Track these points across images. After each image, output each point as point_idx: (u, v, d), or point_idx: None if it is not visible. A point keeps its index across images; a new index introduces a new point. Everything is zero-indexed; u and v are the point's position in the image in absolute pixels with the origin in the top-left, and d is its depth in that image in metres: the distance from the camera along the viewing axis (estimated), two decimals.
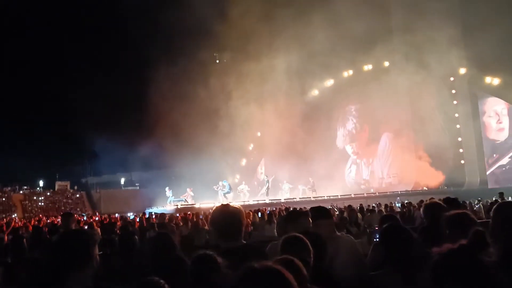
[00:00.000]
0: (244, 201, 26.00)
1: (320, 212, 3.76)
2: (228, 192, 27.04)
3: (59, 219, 16.05)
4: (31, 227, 10.58)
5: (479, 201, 17.01)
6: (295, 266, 2.24)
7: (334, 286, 2.79)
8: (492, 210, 2.92)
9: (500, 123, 31.06)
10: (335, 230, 3.79)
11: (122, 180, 42.21)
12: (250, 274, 1.56)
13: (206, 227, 10.17)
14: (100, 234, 8.10)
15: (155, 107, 28.66)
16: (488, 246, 1.93)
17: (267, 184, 29.25)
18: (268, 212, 13.94)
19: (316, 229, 3.34)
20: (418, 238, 3.02)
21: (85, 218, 21.77)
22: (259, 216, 13.12)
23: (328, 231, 3.49)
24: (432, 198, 4.01)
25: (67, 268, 2.40)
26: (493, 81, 30.01)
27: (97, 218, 19.96)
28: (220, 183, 27.98)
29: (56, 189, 41.36)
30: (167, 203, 27.31)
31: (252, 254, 2.45)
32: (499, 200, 14.13)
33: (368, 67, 34.21)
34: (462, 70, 31.52)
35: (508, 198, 15.77)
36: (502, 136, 31.04)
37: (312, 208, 3.87)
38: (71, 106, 36.00)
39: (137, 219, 15.20)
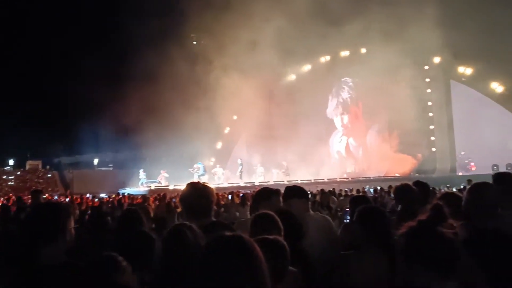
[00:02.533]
0: (218, 184, 26.04)
1: (293, 191, 3.75)
2: (202, 175, 27.04)
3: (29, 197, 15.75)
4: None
5: (448, 187, 17.43)
6: (279, 245, 2.23)
7: (309, 266, 2.79)
8: (466, 190, 3.00)
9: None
10: (309, 209, 3.79)
11: (96, 161, 41.54)
12: (218, 240, 1.58)
13: (179, 209, 10.13)
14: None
15: (130, 88, 28.16)
16: (446, 219, 1.97)
17: (241, 167, 29.33)
18: (241, 195, 13.97)
19: (289, 208, 3.34)
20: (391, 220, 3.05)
21: (56, 198, 21.42)
22: (229, 198, 13.10)
23: (302, 210, 3.49)
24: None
25: (38, 241, 2.32)
26: (466, 70, 30.58)
27: (67, 199, 19.64)
28: (195, 165, 27.92)
29: (27, 168, 40.47)
30: (139, 185, 27.13)
31: (221, 230, 2.43)
32: (467, 187, 14.50)
33: (345, 53, 34.42)
34: (437, 59, 32.00)
35: None
36: None
37: (286, 187, 3.85)
38: (44, 84, 35.10)
39: (109, 200, 15.05)
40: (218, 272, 1.52)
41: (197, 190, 2.89)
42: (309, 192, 4.11)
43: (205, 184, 2.96)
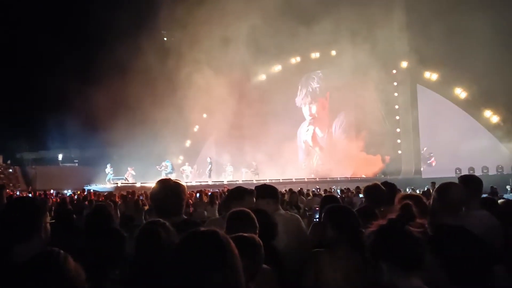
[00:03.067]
0: (186, 182, 25.80)
1: (265, 190, 3.76)
2: (170, 172, 26.76)
3: None
4: None
5: (412, 190, 17.86)
6: (256, 243, 2.23)
7: (281, 264, 2.80)
8: (435, 190, 3.09)
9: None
10: (280, 208, 3.81)
11: (60, 157, 40.55)
12: (193, 236, 1.56)
13: (146, 207, 9.99)
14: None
15: (99, 83, 27.63)
16: (415, 218, 2.03)
17: (210, 165, 29.22)
18: (209, 193, 13.89)
19: (260, 207, 3.34)
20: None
21: (18, 193, 20.77)
22: (198, 196, 13.01)
23: (272, 209, 3.50)
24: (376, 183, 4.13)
25: (12, 239, 2.22)
26: (432, 76, 31.37)
27: (30, 195, 19.08)
28: (163, 163, 27.63)
29: None
30: (106, 181, 26.65)
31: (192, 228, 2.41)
32: (431, 189, 14.88)
33: (315, 55, 34.80)
34: (404, 64, 32.72)
35: None
36: None
37: (256, 187, 3.85)
38: (7, 76, 34.01)
39: (75, 197, 14.71)
40: (192, 268, 1.49)
41: (168, 188, 2.84)
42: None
43: (177, 181, 2.92)
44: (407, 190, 17.13)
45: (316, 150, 36.02)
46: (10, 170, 38.26)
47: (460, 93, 30.70)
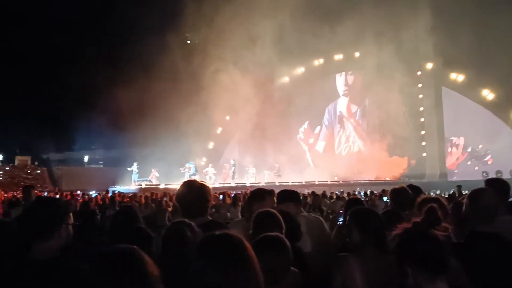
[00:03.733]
0: (210, 184, 25.89)
1: (284, 195, 3.76)
2: (194, 174, 26.94)
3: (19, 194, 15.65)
4: None
5: (437, 193, 17.57)
6: (283, 243, 2.23)
7: (306, 266, 2.79)
8: (467, 197, 3.04)
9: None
10: (302, 210, 3.81)
11: (86, 158, 41.26)
12: (208, 239, 1.59)
13: (170, 208, 10.11)
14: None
15: (124, 86, 27.99)
16: (440, 222, 2.02)
17: (233, 167, 29.33)
18: (232, 195, 13.93)
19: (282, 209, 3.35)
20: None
21: (46, 194, 21.20)
22: (221, 198, 13.08)
23: (295, 212, 3.51)
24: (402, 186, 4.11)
25: (34, 237, 2.28)
26: (458, 77, 30.84)
27: (57, 196, 19.47)
28: (187, 165, 27.84)
29: (16, 164, 40.06)
30: (132, 181, 26.98)
31: (217, 229, 2.44)
32: (456, 193, 14.63)
33: (339, 56, 34.57)
34: (429, 65, 32.25)
35: (464, 191, 16.32)
36: None
37: (279, 192, 3.87)
38: (35, 80, 34.78)
39: (100, 198, 14.94)
40: (208, 271, 1.53)
41: (194, 189, 2.88)
42: (301, 195, 4.16)
43: (202, 182, 2.96)
44: (431, 193, 16.86)
45: (350, 124, 35.53)
46: (38, 171, 39.11)
47: (487, 94, 30.12)
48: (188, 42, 34.88)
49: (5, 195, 19.40)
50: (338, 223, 4.19)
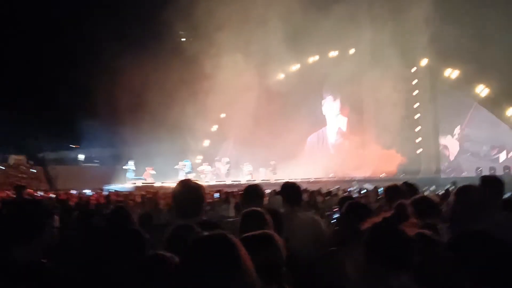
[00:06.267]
0: (205, 182, 25.98)
1: (289, 190, 3.78)
2: (189, 172, 26.99)
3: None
4: None
5: (432, 190, 17.66)
6: (274, 242, 2.24)
7: (293, 264, 2.80)
8: (454, 193, 3.05)
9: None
10: (299, 209, 3.82)
11: (81, 157, 41.13)
12: (200, 240, 1.59)
13: (165, 207, 10.08)
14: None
15: (116, 84, 27.94)
16: (408, 217, 2.07)
17: (228, 165, 29.36)
18: (223, 192, 13.93)
19: (272, 206, 3.36)
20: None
21: (40, 194, 21.16)
22: (217, 196, 13.08)
23: (291, 210, 3.51)
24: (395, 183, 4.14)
25: (13, 240, 2.26)
26: (452, 73, 30.87)
27: (53, 195, 19.42)
28: (181, 162, 27.85)
29: (11, 163, 39.86)
30: (127, 180, 26.97)
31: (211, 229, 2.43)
32: (450, 189, 14.71)
33: (333, 53, 34.58)
34: (424, 62, 32.31)
35: None
36: None
37: (283, 185, 3.89)
38: (28, 77, 34.59)
39: (95, 197, 14.92)
40: (200, 272, 1.53)
41: (190, 189, 2.89)
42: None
43: (197, 182, 2.98)
44: (425, 189, 16.94)
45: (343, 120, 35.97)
46: (33, 170, 38.95)
47: (482, 90, 30.18)
48: (183, 40, 34.78)
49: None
50: (333, 220, 4.21)
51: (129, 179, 27.08)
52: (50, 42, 33.39)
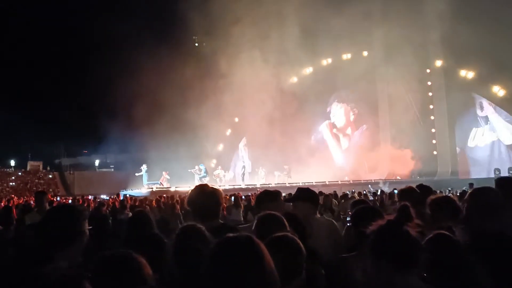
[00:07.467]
0: (220, 186, 26.01)
1: (306, 194, 3.78)
2: (204, 176, 27.03)
3: (32, 199, 15.78)
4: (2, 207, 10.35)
5: (449, 191, 17.47)
6: (295, 243, 2.27)
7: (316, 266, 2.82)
8: (468, 194, 3.04)
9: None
10: (316, 212, 3.82)
11: (97, 162, 41.60)
12: (224, 242, 1.62)
13: (182, 211, 10.11)
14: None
15: (131, 90, 28.21)
16: (412, 219, 2.08)
17: (243, 169, 29.37)
18: (233, 196, 13.87)
19: (294, 211, 3.37)
20: None
21: (58, 199, 21.43)
22: (232, 200, 13.06)
23: (307, 213, 3.52)
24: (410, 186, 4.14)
25: (55, 245, 2.31)
26: (468, 74, 30.54)
27: (70, 201, 19.64)
28: (197, 166, 27.93)
29: (28, 169, 40.47)
30: (143, 184, 27.11)
31: (228, 233, 2.46)
32: (468, 191, 14.54)
33: (347, 56, 34.46)
34: (439, 63, 32.02)
35: None
36: None
37: (299, 189, 3.90)
38: (45, 85, 35.16)
39: (111, 202, 15.01)
40: (225, 274, 1.55)
41: (206, 192, 2.93)
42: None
43: (214, 187, 3.01)
44: (439, 191, 16.76)
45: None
46: (50, 176, 39.46)
47: (498, 91, 29.80)
48: (196, 44, 35.00)
49: (19, 201, 19.58)
50: (348, 224, 4.21)
51: (145, 183, 27.23)
52: (67, 51, 33.95)
